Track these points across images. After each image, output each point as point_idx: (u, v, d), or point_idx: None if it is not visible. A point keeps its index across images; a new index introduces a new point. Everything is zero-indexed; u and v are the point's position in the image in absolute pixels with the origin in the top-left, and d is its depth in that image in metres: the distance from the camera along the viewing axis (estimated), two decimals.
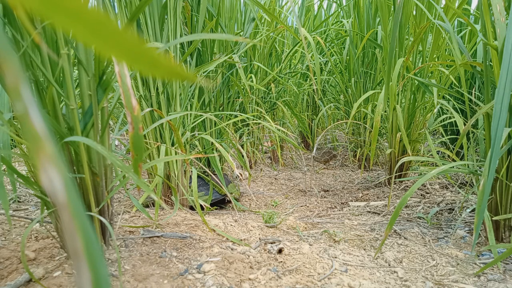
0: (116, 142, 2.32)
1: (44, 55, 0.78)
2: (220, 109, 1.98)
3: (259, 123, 2.25)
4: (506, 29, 0.93)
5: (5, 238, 1.05)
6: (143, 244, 1.03)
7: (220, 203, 1.67)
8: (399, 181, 1.84)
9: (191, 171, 1.33)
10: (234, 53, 1.76)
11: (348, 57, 2.47)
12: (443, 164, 1.13)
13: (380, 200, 1.72)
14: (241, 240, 1.13)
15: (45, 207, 0.89)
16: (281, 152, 2.52)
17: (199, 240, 1.08)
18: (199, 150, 1.64)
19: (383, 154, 2.40)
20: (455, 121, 1.93)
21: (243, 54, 2.10)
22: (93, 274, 0.16)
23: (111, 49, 0.15)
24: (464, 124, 1.96)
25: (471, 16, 2.17)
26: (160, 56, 0.15)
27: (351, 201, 1.78)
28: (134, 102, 0.60)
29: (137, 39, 0.14)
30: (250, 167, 2.37)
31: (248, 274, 0.90)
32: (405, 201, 0.98)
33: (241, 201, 1.78)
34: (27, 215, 1.31)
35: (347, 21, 2.38)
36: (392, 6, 1.84)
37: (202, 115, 1.48)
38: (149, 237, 1.07)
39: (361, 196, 1.82)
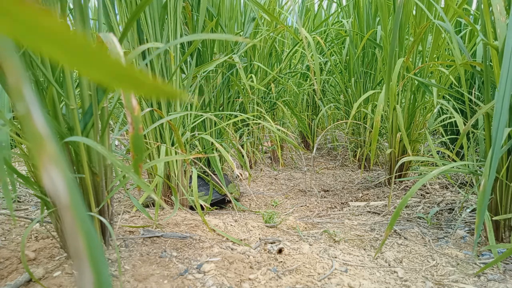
0: (116, 142, 2.32)
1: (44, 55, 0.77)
2: (220, 109, 1.98)
3: (259, 123, 2.25)
4: (506, 29, 0.93)
5: (5, 238, 1.05)
6: (143, 244, 1.03)
7: (220, 203, 1.67)
8: (399, 181, 1.84)
9: (191, 171, 1.33)
10: (234, 53, 1.76)
11: (348, 57, 2.47)
12: (443, 164, 1.13)
13: (380, 200, 1.72)
14: (241, 240, 1.13)
15: (45, 207, 0.89)
16: (281, 152, 2.52)
17: (199, 240, 1.08)
18: (199, 150, 1.63)
19: (383, 154, 2.40)
20: (455, 121, 1.93)
21: (243, 54, 2.10)
22: (95, 274, 0.16)
23: (92, 71, 0.15)
24: (464, 124, 1.96)
25: (470, 16, 2.17)
26: (144, 75, 0.15)
27: (351, 201, 1.78)
28: (134, 102, 0.60)
29: (118, 60, 0.14)
30: (250, 167, 2.37)
31: (248, 274, 0.90)
32: (406, 201, 0.98)
33: (241, 201, 1.78)
34: (27, 215, 1.31)
35: (347, 21, 2.39)
36: (392, 6, 1.84)
37: (202, 115, 1.48)
38: (149, 237, 1.07)
39: (361, 196, 1.82)
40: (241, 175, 2.10)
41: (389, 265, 1.02)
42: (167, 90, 0.16)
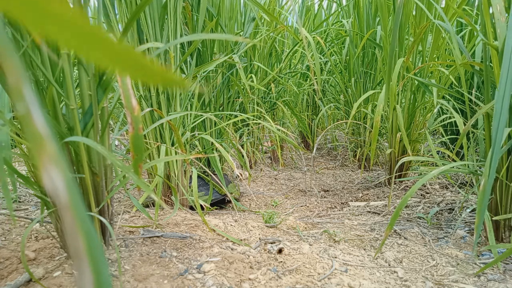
0: (116, 142, 2.32)
1: (44, 55, 0.78)
2: (220, 109, 1.98)
3: (259, 123, 2.25)
4: (506, 29, 0.93)
5: (5, 238, 1.05)
6: (143, 244, 1.03)
7: (220, 203, 1.67)
8: (399, 181, 1.84)
9: (191, 171, 1.33)
10: (234, 53, 1.76)
11: (348, 57, 2.47)
12: (443, 164, 1.13)
13: (380, 200, 1.72)
14: (241, 240, 1.13)
15: (45, 207, 0.89)
16: (281, 152, 2.52)
17: (199, 240, 1.08)
18: (199, 150, 1.63)
19: (383, 154, 2.40)
20: (455, 121, 1.93)
21: (243, 54, 2.10)
22: (94, 274, 0.16)
23: (103, 58, 0.14)
24: (464, 124, 1.96)
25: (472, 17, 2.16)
26: (153, 63, 0.15)
27: (351, 201, 1.78)
28: (134, 102, 0.60)
29: (129, 47, 0.14)
30: (250, 167, 2.37)
31: (248, 274, 0.90)
32: (405, 201, 0.98)
33: (241, 201, 1.78)
34: (27, 215, 1.31)
35: (347, 21, 2.39)
36: (392, 6, 1.84)
37: (202, 115, 1.48)
38: (149, 237, 1.07)
39: (361, 196, 1.82)
40: (241, 175, 2.10)
41: (389, 265, 1.02)
42: (175, 79, 0.16)
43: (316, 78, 1.73)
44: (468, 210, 1.35)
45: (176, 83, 0.16)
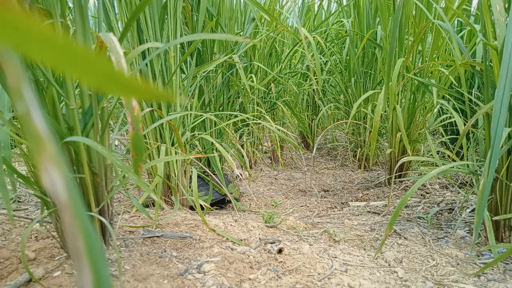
0: (116, 142, 2.32)
1: None
2: (220, 109, 1.98)
3: (259, 123, 2.25)
4: (506, 29, 0.93)
5: (5, 238, 1.05)
6: (143, 244, 1.03)
7: (220, 203, 1.67)
8: (399, 181, 1.84)
9: (191, 171, 1.33)
10: (234, 53, 1.76)
11: (348, 57, 2.47)
12: (443, 164, 1.13)
13: (380, 200, 1.72)
14: (241, 240, 1.13)
15: (45, 207, 0.89)
16: (281, 152, 2.52)
17: (199, 240, 1.08)
18: (199, 150, 1.64)
19: (383, 154, 2.40)
20: (455, 121, 1.93)
21: (243, 54, 2.10)
22: (94, 274, 0.16)
23: (83, 75, 0.14)
24: (464, 124, 1.96)
25: (470, 16, 2.17)
26: (135, 80, 0.15)
27: (351, 201, 1.78)
28: (134, 102, 0.60)
29: (110, 64, 0.14)
30: (250, 167, 2.37)
31: (248, 274, 0.90)
32: (405, 201, 0.98)
33: (241, 201, 1.78)
34: (27, 215, 1.31)
35: (347, 21, 2.39)
36: (392, 6, 1.84)
37: (202, 115, 1.48)
38: (149, 237, 1.07)
39: (361, 196, 1.82)
40: (241, 175, 2.10)
41: (389, 265, 1.02)
42: (163, 94, 0.16)
43: (316, 78, 1.73)
44: (468, 210, 1.35)
45: (162, 98, 0.16)
